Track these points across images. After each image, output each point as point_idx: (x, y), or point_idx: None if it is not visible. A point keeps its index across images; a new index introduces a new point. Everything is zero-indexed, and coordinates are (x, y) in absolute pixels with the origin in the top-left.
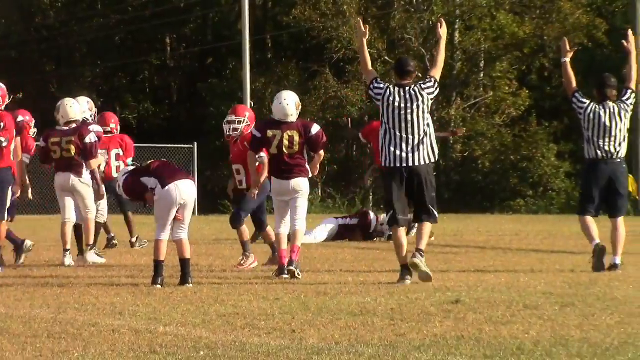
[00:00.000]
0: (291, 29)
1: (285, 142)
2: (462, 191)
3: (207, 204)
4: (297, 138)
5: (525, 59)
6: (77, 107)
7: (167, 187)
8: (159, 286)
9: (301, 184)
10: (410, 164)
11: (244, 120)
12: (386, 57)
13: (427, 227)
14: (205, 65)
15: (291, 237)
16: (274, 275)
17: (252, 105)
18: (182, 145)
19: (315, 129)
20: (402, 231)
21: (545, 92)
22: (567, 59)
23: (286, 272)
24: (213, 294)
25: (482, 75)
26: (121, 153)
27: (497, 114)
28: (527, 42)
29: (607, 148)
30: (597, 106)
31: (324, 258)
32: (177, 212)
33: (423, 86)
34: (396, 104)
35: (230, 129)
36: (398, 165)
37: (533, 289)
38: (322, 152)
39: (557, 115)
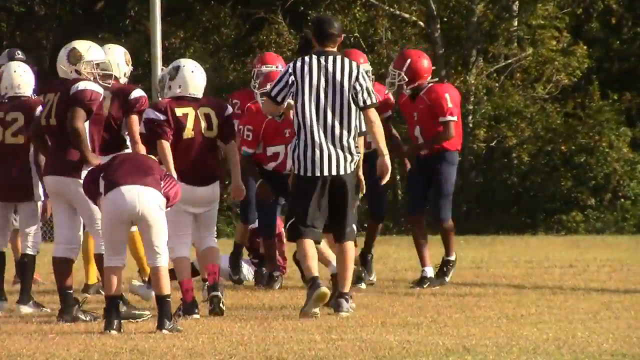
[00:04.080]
0: None
1: (203, 123)
2: (488, 200)
3: None
4: (214, 118)
5: None
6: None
7: (108, 194)
8: (113, 332)
9: (217, 192)
10: (334, 172)
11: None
12: None
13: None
14: (93, 12)
15: (207, 256)
16: (176, 318)
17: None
18: None
19: (230, 109)
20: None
21: (612, 47)
22: None
23: (197, 310)
24: None
25: (515, 23)
26: None
27: (539, 82)
28: None
29: None
30: None
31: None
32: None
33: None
34: (314, 81)
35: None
36: (317, 174)
37: (596, 348)
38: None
39: (631, 83)
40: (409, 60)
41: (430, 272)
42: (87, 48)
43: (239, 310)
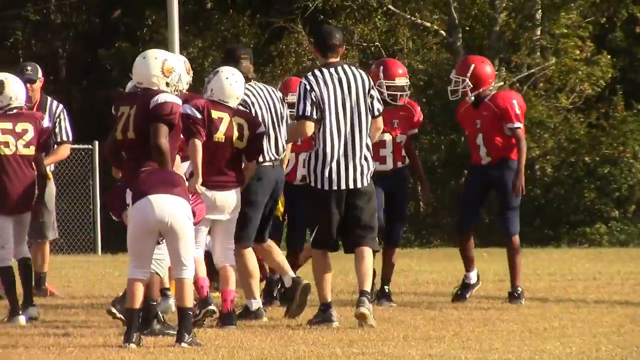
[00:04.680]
0: None
1: (235, 132)
2: None
3: (117, 235)
4: (246, 130)
5: (604, 6)
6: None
7: (136, 203)
8: (132, 345)
9: (238, 198)
10: (352, 185)
11: None
12: (390, 6)
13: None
14: (110, 21)
15: (224, 278)
16: (196, 311)
17: None
18: (76, 146)
19: (262, 128)
20: None
21: (636, 57)
22: None
23: (212, 304)
24: None
25: (538, 32)
26: None
27: (563, 92)
28: None
29: None
30: None
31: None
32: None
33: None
34: (331, 93)
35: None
36: (335, 187)
37: None
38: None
39: None
40: (472, 66)
41: (474, 277)
42: (177, 60)
43: (259, 322)
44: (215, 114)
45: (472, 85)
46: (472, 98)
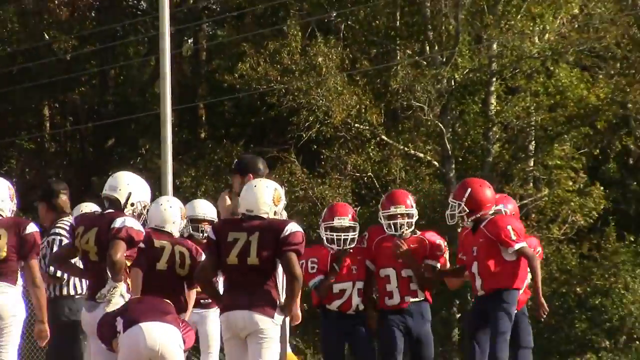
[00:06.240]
0: (237, 92)
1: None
2: None
3: None
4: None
5: (598, 138)
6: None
7: (127, 331)
8: None
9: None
10: None
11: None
12: (384, 137)
13: None
14: (104, 150)
15: None
16: None
17: None
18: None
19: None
20: None
21: (629, 188)
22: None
23: None
24: None
25: (532, 163)
26: None
27: (555, 222)
28: (601, 112)
29: None
30: None
31: None
32: None
33: None
34: None
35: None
36: None
37: None
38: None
39: None
40: (469, 190)
41: None
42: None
43: None
44: (157, 243)
45: (467, 210)
46: (470, 223)
